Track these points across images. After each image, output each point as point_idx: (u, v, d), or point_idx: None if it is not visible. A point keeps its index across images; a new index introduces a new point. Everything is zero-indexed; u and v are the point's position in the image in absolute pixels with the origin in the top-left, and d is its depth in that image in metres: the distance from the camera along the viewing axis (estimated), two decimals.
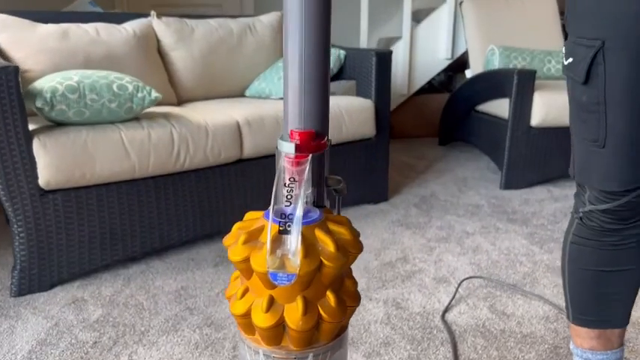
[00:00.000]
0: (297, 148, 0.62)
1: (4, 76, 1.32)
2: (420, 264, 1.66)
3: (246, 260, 0.58)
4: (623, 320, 0.90)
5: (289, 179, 0.60)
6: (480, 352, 1.20)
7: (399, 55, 3.26)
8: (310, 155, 0.62)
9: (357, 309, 1.38)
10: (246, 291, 0.62)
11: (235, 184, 1.81)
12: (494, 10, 2.97)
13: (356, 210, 2.15)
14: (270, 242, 0.57)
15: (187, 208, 1.71)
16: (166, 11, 2.28)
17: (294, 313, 0.58)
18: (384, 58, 2.10)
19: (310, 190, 0.63)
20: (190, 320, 1.34)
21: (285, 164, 0.61)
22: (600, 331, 0.91)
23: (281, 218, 0.59)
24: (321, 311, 0.59)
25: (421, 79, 3.33)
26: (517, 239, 1.85)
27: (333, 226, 0.62)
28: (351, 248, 0.61)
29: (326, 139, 0.66)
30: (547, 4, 3.03)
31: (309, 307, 0.58)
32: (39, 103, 1.41)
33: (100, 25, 1.96)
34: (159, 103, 2.01)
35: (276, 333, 0.59)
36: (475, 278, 1.56)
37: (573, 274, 0.92)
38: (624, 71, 0.71)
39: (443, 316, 1.35)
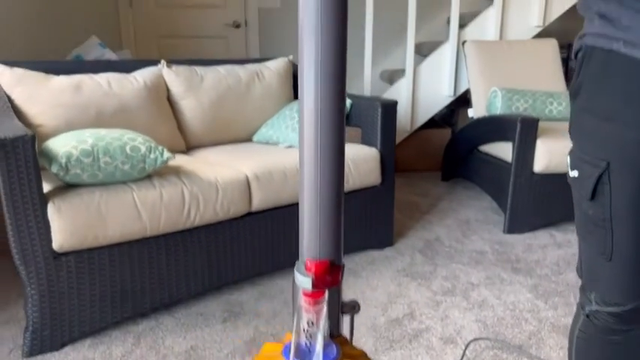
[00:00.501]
0: (314, 283, 0.63)
1: (21, 145, 1.35)
2: (427, 321, 1.68)
3: None
4: None
5: (307, 322, 0.62)
6: None
7: (403, 91, 3.30)
8: (327, 292, 0.64)
9: None
10: None
11: (244, 236, 1.83)
12: (496, 51, 3.02)
13: (362, 256, 2.18)
14: None
15: (196, 262, 1.74)
16: (172, 43, 2.32)
17: None
18: (389, 108, 2.14)
19: (327, 324, 0.65)
20: None
21: (303, 303, 0.63)
22: None
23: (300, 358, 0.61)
24: None
25: (424, 115, 3.37)
26: (522, 292, 1.87)
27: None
28: None
29: (342, 267, 0.68)
30: (548, 46, 3.08)
31: None
32: (54, 169, 1.44)
33: (112, 76, 2.00)
34: (172, 149, 2.04)
35: None
36: (482, 340, 1.57)
37: None
38: (629, 192, 0.74)
39: None
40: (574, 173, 0.83)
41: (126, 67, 2.16)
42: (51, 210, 1.42)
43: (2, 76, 1.81)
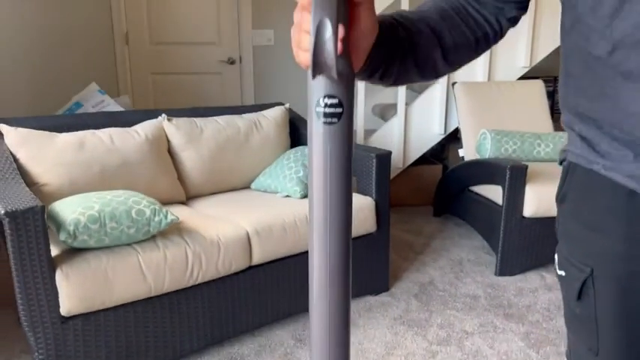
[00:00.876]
0: None
1: (31, 217, 1.40)
2: None
3: None
4: None
5: None
6: None
7: (395, 130, 3.39)
8: None
9: None
10: None
11: (244, 290, 1.88)
12: (485, 92, 3.11)
13: (358, 303, 2.23)
14: None
15: (199, 318, 1.78)
16: (167, 79, 2.38)
17: None
18: (383, 159, 2.21)
19: None
20: None
21: None
22: None
23: None
24: None
25: (416, 152, 3.46)
26: (514, 341, 1.93)
27: None
28: None
29: None
30: (535, 88, 3.19)
31: None
32: (63, 237, 1.48)
33: (114, 131, 2.05)
34: (169, 201, 2.10)
35: None
36: None
37: None
38: (613, 299, 0.80)
39: None
40: (561, 272, 0.89)
41: (127, 119, 2.21)
42: (59, 277, 1.47)
43: (7, 136, 1.86)
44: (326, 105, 0.57)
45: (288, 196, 2.23)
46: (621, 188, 0.74)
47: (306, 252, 0.83)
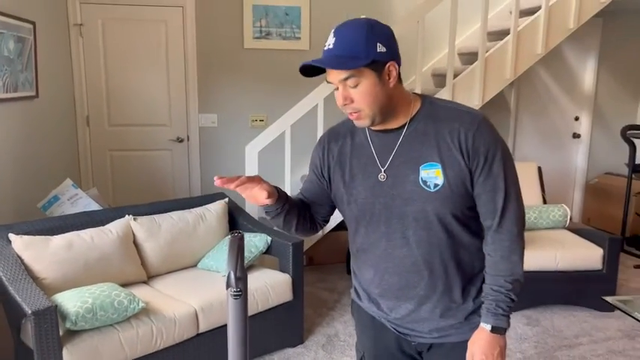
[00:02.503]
0: None
1: (49, 314, 2.08)
2: None
3: None
4: None
5: None
6: None
7: None
8: None
9: None
10: None
11: (194, 351, 2.59)
12: None
13: (280, 354, 2.98)
14: None
15: None
16: (123, 155, 3.08)
17: None
18: (297, 246, 3.00)
19: None
20: None
21: None
22: None
23: None
24: None
25: (334, 220, 4.27)
26: None
27: None
28: None
29: None
30: (528, 169, 4.12)
31: None
32: (68, 325, 2.16)
33: (94, 231, 2.73)
34: (135, 281, 2.78)
35: None
36: None
37: None
38: None
39: None
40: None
41: (101, 217, 2.89)
42: (65, 354, 2.14)
43: (14, 243, 2.50)
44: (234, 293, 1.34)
45: (225, 275, 2.96)
46: (368, 314, 1.55)
47: None
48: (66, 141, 4.29)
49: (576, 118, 5.60)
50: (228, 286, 1.35)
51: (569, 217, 3.91)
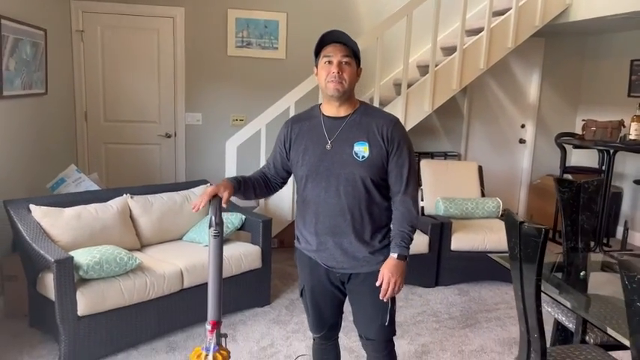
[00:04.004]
0: (211, 327, 2.05)
1: (67, 263, 2.67)
2: (280, 348, 3.12)
3: None
4: None
5: (209, 339, 2.04)
6: None
7: (284, 194, 4.80)
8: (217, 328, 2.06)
9: None
10: None
11: (179, 302, 3.19)
12: (434, 170, 4.68)
13: (250, 312, 3.59)
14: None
15: (152, 319, 3.07)
16: (116, 148, 3.66)
17: None
18: (267, 223, 3.63)
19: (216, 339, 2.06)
20: None
21: (208, 333, 2.04)
22: None
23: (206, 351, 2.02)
24: None
25: None
26: None
27: (222, 351, 2.06)
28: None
29: (220, 322, 2.11)
30: (470, 168, 4.81)
31: None
32: (81, 273, 2.76)
33: (98, 206, 3.32)
34: (131, 248, 3.38)
35: None
36: (302, 356, 3.03)
37: None
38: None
39: None
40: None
41: (103, 196, 3.48)
42: (78, 295, 2.73)
43: (34, 212, 3.08)
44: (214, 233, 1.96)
45: (206, 246, 3.57)
46: (305, 255, 2.18)
47: None
48: (67, 133, 4.86)
49: (522, 126, 6.31)
50: (210, 226, 1.97)
51: (501, 209, 4.60)
